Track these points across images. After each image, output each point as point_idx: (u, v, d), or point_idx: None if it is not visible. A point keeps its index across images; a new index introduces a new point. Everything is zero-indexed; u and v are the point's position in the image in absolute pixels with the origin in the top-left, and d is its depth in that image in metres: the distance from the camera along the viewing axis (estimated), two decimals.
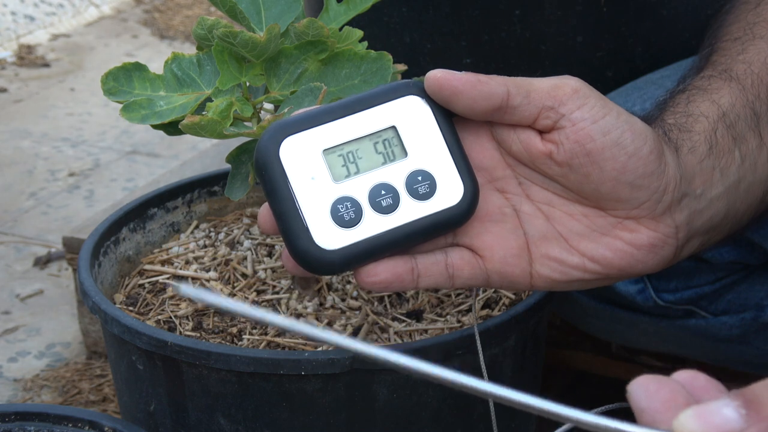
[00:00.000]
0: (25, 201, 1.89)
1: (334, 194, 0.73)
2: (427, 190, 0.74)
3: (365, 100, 0.74)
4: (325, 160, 0.73)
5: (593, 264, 0.75)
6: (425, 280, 0.74)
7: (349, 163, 0.73)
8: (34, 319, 1.54)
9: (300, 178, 0.72)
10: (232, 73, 0.86)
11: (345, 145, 0.73)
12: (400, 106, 0.74)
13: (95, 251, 1.00)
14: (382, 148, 0.74)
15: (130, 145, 2.10)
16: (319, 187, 0.72)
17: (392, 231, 0.73)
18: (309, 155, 0.72)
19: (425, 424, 0.89)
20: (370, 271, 0.72)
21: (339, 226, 0.72)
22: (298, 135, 0.72)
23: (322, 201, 0.72)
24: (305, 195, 0.72)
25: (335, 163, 0.73)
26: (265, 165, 0.72)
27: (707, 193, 0.77)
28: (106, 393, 1.37)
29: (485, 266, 0.75)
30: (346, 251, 0.72)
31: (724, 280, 1.04)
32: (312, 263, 0.73)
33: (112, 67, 0.91)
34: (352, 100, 0.74)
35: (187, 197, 1.11)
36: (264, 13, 0.90)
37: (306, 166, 0.72)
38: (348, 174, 0.73)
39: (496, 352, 0.90)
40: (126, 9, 3.00)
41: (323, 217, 0.72)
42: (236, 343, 0.93)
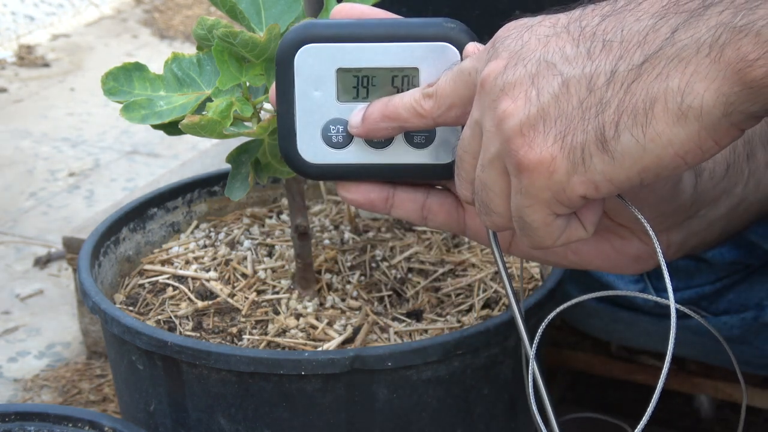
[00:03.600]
0: (25, 201, 1.89)
1: (332, 113, 0.73)
2: (423, 141, 0.73)
3: (401, 32, 0.72)
4: (336, 78, 0.72)
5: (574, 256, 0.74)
6: (398, 211, 0.74)
7: (361, 87, 0.72)
8: (34, 319, 1.54)
9: (305, 88, 0.72)
10: (232, 73, 0.86)
11: (363, 70, 0.72)
12: (432, 50, 0.71)
13: (95, 251, 1.00)
14: (399, 83, 0.73)
15: (130, 145, 2.10)
16: (321, 102, 0.72)
17: (373, 166, 0.73)
18: (322, 69, 0.72)
19: (425, 424, 0.89)
20: (347, 187, 0.74)
21: (325, 144, 0.73)
22: (319, 45, 0.72)
23: (319, 116, 0.73)
24: (304, 105, 0.73)
25: (347, 84, 0.72)
26: (279, 63, 0.73)
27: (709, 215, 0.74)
28: (106, 393, 1.37)
29: (465, 220, 0.74)
30: (324, 168, 0.74)
31: (724, 280, 1.04)
32: (290, 165, 0.75)
33: (112, 67, 0.91)
34: (389, 24, 0.72)
35: (187, 197, 1.11)
36: (264, 13, 0.90)
37: (315, 78, 0.72)
38: (355, 97, 0.73)
39: (496, 352, 0.90)
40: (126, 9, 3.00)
41: (314, 131, 0.73)
42: (236, 343, 0.93)
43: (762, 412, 1.33)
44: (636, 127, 0.56)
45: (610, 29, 0.58)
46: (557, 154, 0.58)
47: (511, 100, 0.60)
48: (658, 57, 0.55)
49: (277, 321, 0.95)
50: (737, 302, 1.05)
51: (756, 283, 1.04)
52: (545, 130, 0.59)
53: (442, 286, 1.00)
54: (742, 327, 1.05)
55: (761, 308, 1.04)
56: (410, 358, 0.85)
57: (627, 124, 0.56)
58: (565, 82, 0.58)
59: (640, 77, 0.56)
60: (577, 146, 0.58)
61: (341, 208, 1.13)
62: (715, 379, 1.22)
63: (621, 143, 0.57)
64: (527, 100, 0.59)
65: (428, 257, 1.04)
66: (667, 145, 0.56)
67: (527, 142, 0.59)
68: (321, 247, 1.05)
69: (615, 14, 0.58)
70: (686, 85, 0.54)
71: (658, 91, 0.55)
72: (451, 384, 0.88)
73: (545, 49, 0.60)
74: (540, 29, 0.61)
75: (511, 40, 0.62)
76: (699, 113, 0.55)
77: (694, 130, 0.55)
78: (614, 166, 0.57)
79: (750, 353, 1.07)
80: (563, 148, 0.58)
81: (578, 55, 0.58)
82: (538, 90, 0.59)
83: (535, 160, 0.59)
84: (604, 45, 0.58)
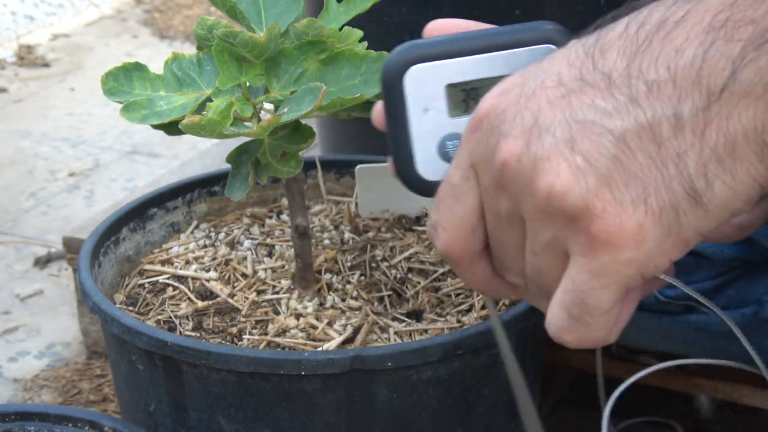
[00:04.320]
0: (25, 201, 1.89)
1: (447, 129, 0.73)
2: None
3: (502, 40, 0.72)
4: (446, 94, 0.72)
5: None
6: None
7: (471, 100, 0.72)
8: (34, 319, 1.54)
9: (418, 107, 0.72)
10: (232, 73, 0.86)
11: (470, 83, 0.72)
12: (535, 54, 0.71)
13: (95, 251, 1.00)
14: None
15: (130, 145, 2.10)
16: (434, 119, 0.72)
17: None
18: (431, 87, 0.72)
19: (425, 424, 0.89)
20: None
21: (443, 160, 0.72)
22: (426, 65, 0.72)
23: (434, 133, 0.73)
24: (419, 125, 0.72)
25: (456, 99, 0.72)
26: (388, 88, 0.72)
27: None
28: (106, 393, 1.37)
29: None
30: None
31: (724, 276, 1.04)
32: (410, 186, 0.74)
33: (112, 67, 0.91)
34: (489, 35, 0.73)
35: (187, 197, 1.11)
36: (264, 13, 0.90)
37: (426, 96, 0.72)
38: (466, 110, 0.73)
39: (496, 352, 0.90)
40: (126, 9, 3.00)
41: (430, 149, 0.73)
42: (236, 343, 0.93)
43: (762, 412, 1.33)
44: (726, 174, 0.52)
45: (647, 67, 0.52)
46: (644, 220, 0.53)
47: (555, 175, 0.53)
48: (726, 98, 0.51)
49: (277, 321, 0.95)
50: (737, 298, 1.05)
51: (756, 280, 1.04)
52: (615, 198, 0.53)
53: (442, 286, 1.00)
54: (742, 323, 1.05)
55: (761, 304, 1.04)
56: (410, 358, 0.85)
57: (716, 172, 0.52)
58: (620, 138, 0.52)
59: (712, 121, 0.52)
60: (666, 207, 0.53)
61: (341, 208, 1.13)
62: (715, 379, 1.22)
63: (715, 195, 0.52)
64: (577, 170, 0.53)
65: (428, 257, 1.04)
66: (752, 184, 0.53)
67: (598, 216, 0.53)
68: (321, 247, 1.05)
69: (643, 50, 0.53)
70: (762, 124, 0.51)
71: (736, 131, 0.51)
72: (451, 384, 0.88)
73: (571, 110, 0.54)
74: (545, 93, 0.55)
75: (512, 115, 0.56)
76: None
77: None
78: (708, 218, 0.53)
79: None
80: (648, 212, 0.53)
81: (619, 106, 0.53)
82: (585, 155, 0.53)
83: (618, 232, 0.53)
84: (648, 89, 0.52)
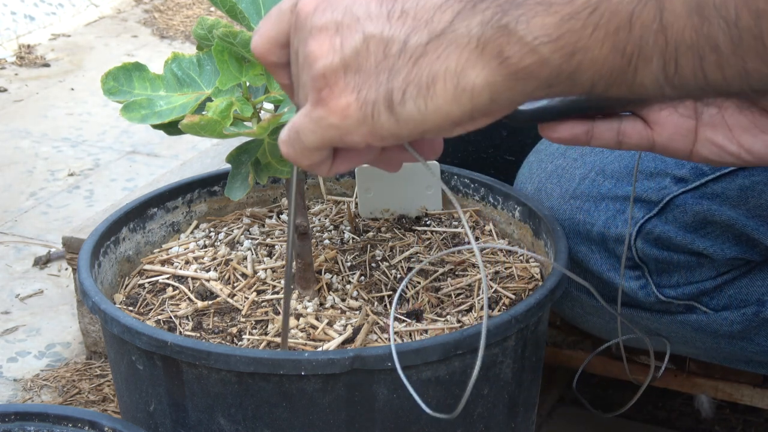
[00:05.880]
0: (25, 201, 1.89)
1: None
2: None
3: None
4: None
5: (747, 155, 0.78)
6: (597, 140, 0.78)
7: None
8: (34, 319, 1.54)
9: None
10: (232, 73, 0.86)
11: None
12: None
13: (95, 251, 1.00)
14: None
15: (130, 145, 2.10)
16: None
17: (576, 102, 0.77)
18: None
19: (425, 424, 0.89)
20: (552, 127, 0.77)
21: None
22: None
23: None
24: None
25: None
26: None
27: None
28: (106, 393, 1.37)
29: (653, 137, 0.78)
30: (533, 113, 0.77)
31: (725, 276, 1.04)
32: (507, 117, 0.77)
33: (112, 66, 0.91)
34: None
35: (187, 197, 1.11)
36: (264, 12, 0.90)
37: None
38: None
39: (496, 352, 0.90)
40: (126, 9, 3.00)
41: None
42: (236, 343, 0.93)
43: (762, 412, 1.33)
44: (419, 98, 0.63)
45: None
46: (353, 103, 0.65)
47: (318, 44, 0.66)
48: (440, 39, 0.62)
49: (277, 321, 0.95)
50: (738, 298, 1.05)
51: (756, 279, 1.04)
52: (345, 79, 0.65)
53: (442, 286, 1.00)
54: (743, 323, 1.05)
55: (762, 304, 1.04)
56: (410, 358, 0.85)
57: (412, 94, 0.63)
58: (366, 39, 0.64)
59: (426, 55, 0.63)
60: (369, 101, 0.65)
61: (341, 208, 1.13)
62: (715, 379, 1.22)
63: (406, 109, 0.64)
64: (332, 47, 0.65)
65: (428, 257, 1.04)
66: (445, 117, 0.64)
67: (329, 85, 0.66)
68: (321, 247, 1.05)
69: None
70: (461, 69, 0.62)
71: (438, 70, 0.62)
72: (451, 384, 0.88)
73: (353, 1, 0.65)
74: None
75: None
76: (471, 95, 0.62)
77: (467, 108, 0.63)
78: (398, 126, 0.65)
79: (751, 350, 1.08)
80: (358, 99, 0.65)
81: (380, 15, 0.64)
82: (343, 40, 0.65)
83: (333, 102, 0.66)
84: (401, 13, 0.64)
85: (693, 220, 1.02)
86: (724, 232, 1.01)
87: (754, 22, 0.56)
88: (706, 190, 1.00)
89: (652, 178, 1.02)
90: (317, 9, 0.67)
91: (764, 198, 0.99)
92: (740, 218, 1.00)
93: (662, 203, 1.02)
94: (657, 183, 1.02)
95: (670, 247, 1.03)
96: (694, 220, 1.01)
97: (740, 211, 1.00)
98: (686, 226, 1.02)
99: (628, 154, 1.06)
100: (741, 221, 1.00)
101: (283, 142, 0.70)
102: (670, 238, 1.02)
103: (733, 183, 0.99)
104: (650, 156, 1.02)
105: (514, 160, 1.27)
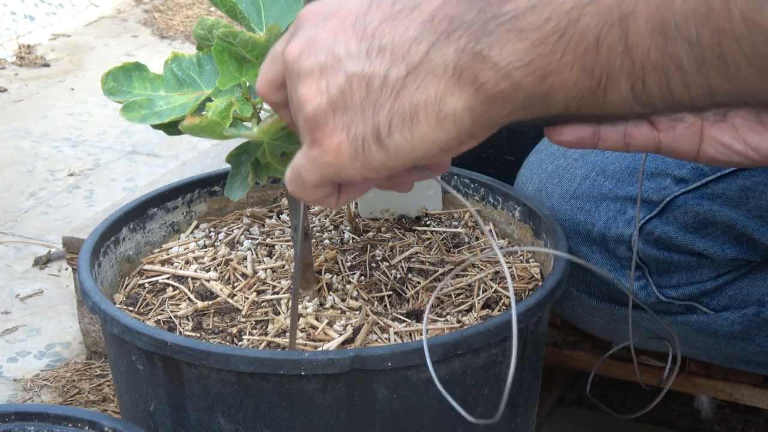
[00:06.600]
0: (25, 201, 1.89)
1: None
2: None
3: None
4: None
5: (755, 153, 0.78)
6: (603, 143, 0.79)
7: None
8: (34, 319, 1.54)
9: None
10: (232, 73, 0.86)
11: None
12: None
13: (95, 251, 1.00)
14: None
15: (130, 145, 2.10)
16: None
17: None
18: None
19: (425, 424, 0.89)
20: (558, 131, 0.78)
21: None
22: None
23: None
24: None
25: None
26: None
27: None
28: (106, 393, 1.37)
29: (659, 138, 0.79)
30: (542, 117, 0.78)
31: (725, 276, 1.04)
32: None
33: (112, 66, 0.91)
34: None
35: (187, 197, 1.11)
36: (264, 13, 0.90)
37: None
38: None
39: (496, 352, 0.90)
40: (126, 9, 3.00)
41: None
42: (236, 343, 0.93)
43: (762, 412, 1.33)
44: (405, 129, 0.66)
45: (386, 32, 0.66)
46: (344, 140, 0.68)
47: (306, 88, 0.69)
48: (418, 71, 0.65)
49: (277, 321, 0.95)
50: (738, 298, 1.05)
51: (757, 280, 1.04)
52: (335, 119, 0.68)
53: (443, 286, 1.00)
54: (743, 323, 1.05)
55: (762, 304, 1.04)
56: (410, 358, 0.85)
57: (398, 125, 0.66)
58: (349, 78, 0.67)
59: (406, 87, 0.65)
60: (359, 137, 0.67)
61: (341, 208, 1.13)
62: (715, 379, 1.22)
63: (394, 141, 0.66)
64: (318, 90, 0.68)
65: (428, 257, 1.04)
66: (432, 144, 0.66)
67: (320, 126, 0.69)
68: (321, 247, 1.05)
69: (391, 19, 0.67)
70: (441, 97, 0.64)
71: (419, 100, 0.65)
72: (451, 384, 0.88)
73: (334, 42, 0.68)
74: (332, 22, 0.69)
75: (309, 25, 0.70)
76: (454, 120, 0.65)
77: (452, 133, 0.65)
78: (389, 158, 0.67)
79: (751, 350, 1.08)
80: (348, 136, 0.68)
81: (360, 53, 0.67)
82: (328, 82, 0.68)
83: (326, 142, 0.69)
84: (379, 49, 0.66)
85: (693, 220, 1.02)
86: (724, 233, 1.01)
87: (715, 41, 0.57)
88: (706, 190, 1.00)
89: (653, 179, 1.02)
90: (302, 53, 0.69)
91: (765, 198, 0.99)
92: (741, 219, 1.00)
93: (663, 204, 1.02)
94: (658, 183, 1.02)
95: (671, 247, 1.03)
96: (695, 220, 1.01)
97: (741, 212, 1.00)
98: (687, 227, 1.02)
99: (629, 154, 1.06)
100: (741, 222, 1.00)
101: (288, 182, 0.73)
102: (671, 239, 1.02)
103: (733, 183, 0.99)
104: (651, 156, 1.02)
105: (514, 160, 1.27)
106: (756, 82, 0.58)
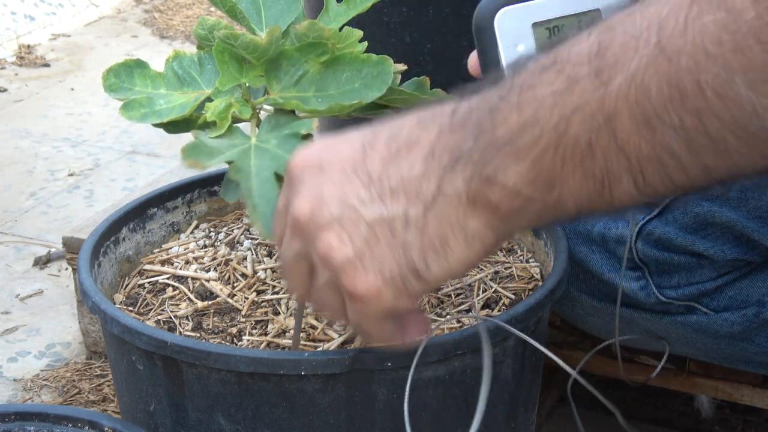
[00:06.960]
0: (25, 201, 1.89)
1: None
2: None
3: None
4: (533, 33, 0.78)
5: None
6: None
7: (554, 36, 0.78)
8: (34, 319, 1.54)
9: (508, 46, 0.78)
10: (232, 74, 0.86)
11: (553, 21, 0.78)
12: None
13: (95, 251, 1.00)
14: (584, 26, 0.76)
15: (130, 145, 2.10)
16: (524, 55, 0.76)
17: None
18: (519, 26, 0.78)
19: (425, 424, 0.89)
20: None
21: None
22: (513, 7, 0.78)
23: None
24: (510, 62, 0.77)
25: (541, 36, 0.78)
26: (480, 30, 0.79)
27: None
28: (106, 393, 1.37)
29: None
30: None
31: (725, 277, 1.04)
32: None
33: (114, 63, 0.90)
34: None
35: (187, 197, 1.11)
36: (264, 13, 0.90)
37: (515, 36, 0.78)
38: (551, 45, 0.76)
39: (496, 352, 0.90)
40: (126, 9, 3.00)
41: None
42: (236, 343, 0.93)
43: (762, 412, 1.33)
44: (441, 259, 0.69)
45: (392, 175, 0.69)
46: (381, 285, 0.70)
47: (327, 244, 0.70)
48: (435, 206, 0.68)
49: (277, 321, 0.95)
50: (738, 299, 1.05)
51: (757, 280, 1.04)
52: (365, 267, 0.70)
53: (442, 286, 1.00)
54: (743, 323, 1.05)
55: (762, 305, 1.04)
56: (410, 358, 0.85)
57: (433, 259, 0.69)
58: (371, 225, 0.69)
59: (428, 223, 0.68)
60: (396, 277, 0.70)
61: None
62: (715, 379, 1.22)
63: (432, 272, 0.70)
64: (341, 242, 0.70)
65: None
66: (467, 263, 0.70)
67: (352, 278, 0.70)
68: None
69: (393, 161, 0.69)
70: (463, 223, 0.68)
71: (445, 230, 0.68)
72: (451, 384, 0.88)
73: (342, 193, 0.70)
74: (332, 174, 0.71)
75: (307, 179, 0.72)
76: (480, 239, 0.69)
77: (481, 249, 0.69)
78: (430, 285, 0.71)
79: (751, 350, 1.08)
80: (383, 278, 0.70)
81: (373, 199, 0.69)
82: (349, 233, 0.70)
83: (363, 291, 0.71)
84: (391, 192, 0.69)
85: (693, 221, 1.02)
86: (724, 234, 1.01)
87: (697, 121, 0.58)
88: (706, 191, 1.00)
89: None
90: (313, 211, 0.71)
91: (764, 199, 0.99)
92: (740, 219, 1.00)
93: (663, 204, 1.02)
94: None
95: (671, 248, 1.03)
96: (695, 221, 1.01)
97: (740, 213, 1.00)
98: (686, 228, 1.02)
99: None
100: (741, 222, 1.00)
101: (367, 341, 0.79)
102: (671, 239, 1.02)
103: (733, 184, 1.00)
104: None
105: None
106: (747, 152, 0.59)
